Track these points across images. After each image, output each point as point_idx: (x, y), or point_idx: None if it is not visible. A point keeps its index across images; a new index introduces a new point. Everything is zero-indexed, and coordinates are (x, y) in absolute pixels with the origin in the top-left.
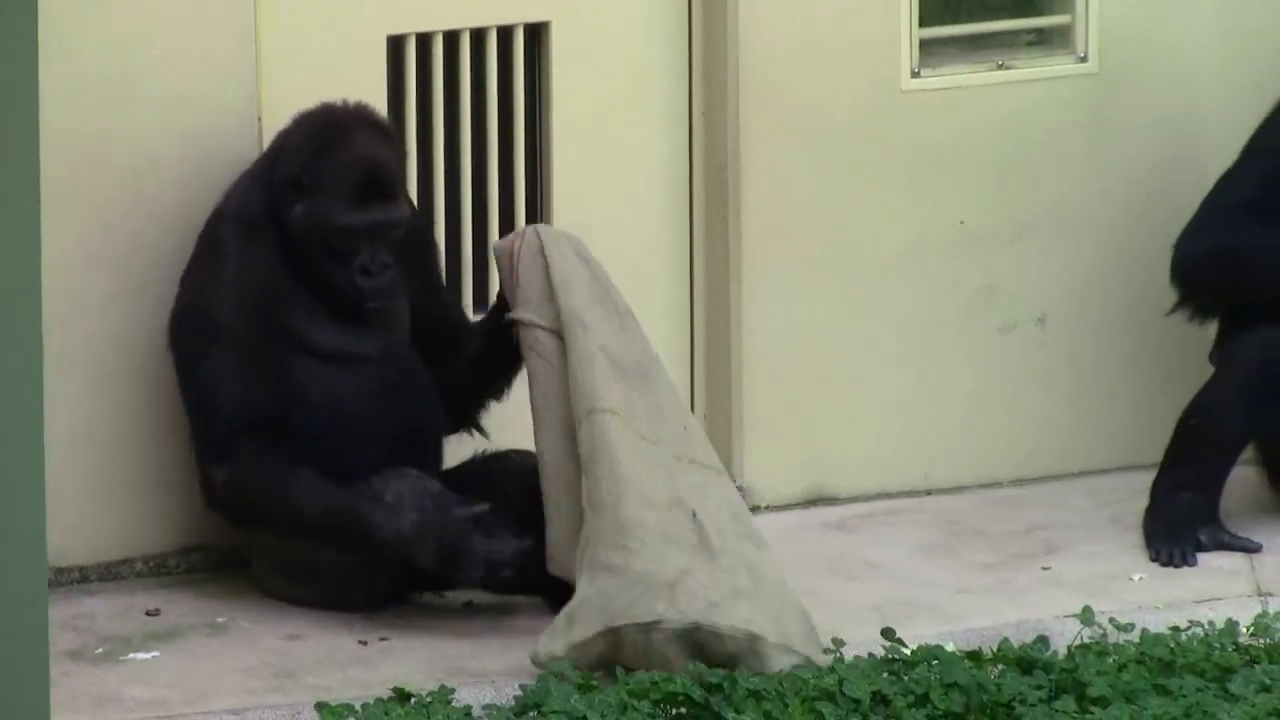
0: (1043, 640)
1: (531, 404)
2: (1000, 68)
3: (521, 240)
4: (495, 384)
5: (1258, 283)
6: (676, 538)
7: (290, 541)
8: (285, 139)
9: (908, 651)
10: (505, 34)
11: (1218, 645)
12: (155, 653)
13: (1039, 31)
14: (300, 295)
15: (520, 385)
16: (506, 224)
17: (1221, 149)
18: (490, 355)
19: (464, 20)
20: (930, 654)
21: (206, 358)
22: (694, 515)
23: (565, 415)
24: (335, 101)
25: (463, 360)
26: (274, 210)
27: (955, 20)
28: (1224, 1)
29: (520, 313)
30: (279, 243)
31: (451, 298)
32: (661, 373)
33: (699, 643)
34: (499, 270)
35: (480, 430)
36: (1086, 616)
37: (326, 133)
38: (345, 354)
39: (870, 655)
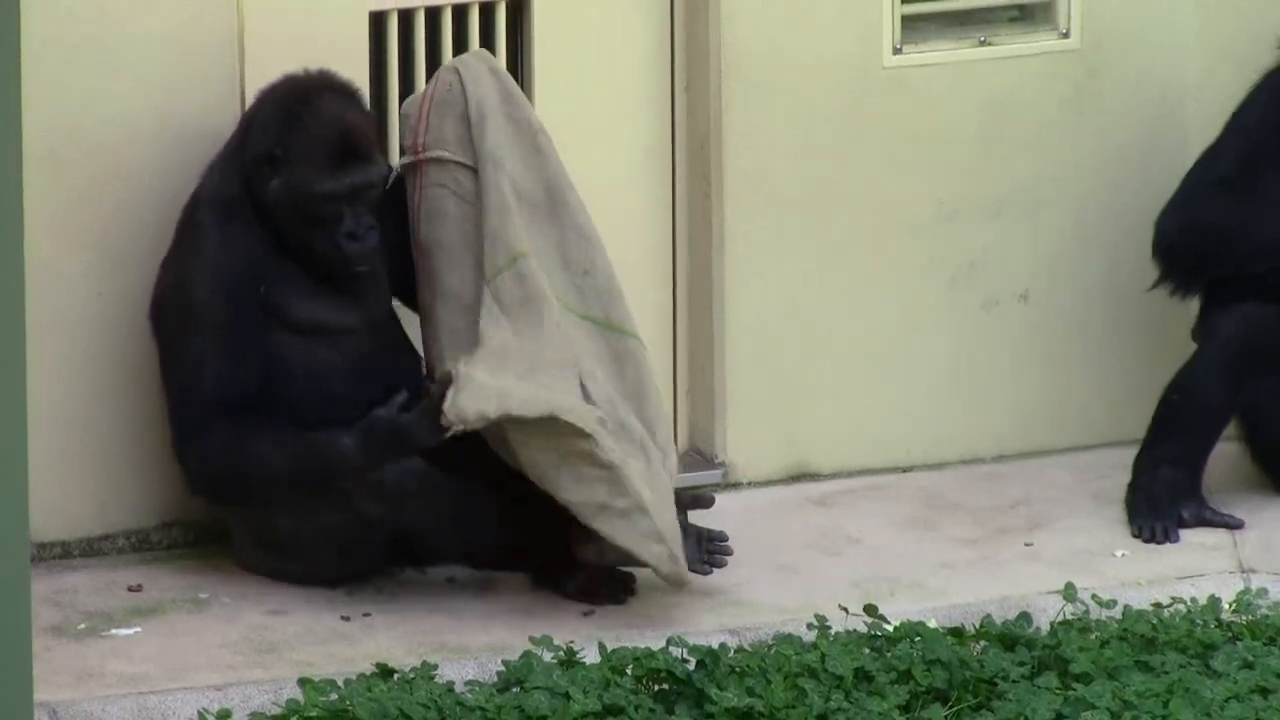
0: (1025, 616)
1: (437, 243)
2: (982, 44)
3: (436, 84)
4: None
5: (1238, 259)
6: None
7: (271, 510)
8: (252, 116)
9: (890, 628)
10: (487, 9)
11: (1200, 622)
12: (137, 628)
13: (1021, 8)
14: (282, 271)
15: None
16: None
17: (1203, 125)
18: None
19: None
20: (913, 630)
21: (187, 342)
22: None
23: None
24: (297, 72)
25: None
26: (250, 188)
27: None
28: None
29: (437, 151)
30: (258, 220)
31: None
32: (573, 200)
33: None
34: (402, 126)
35: None
36: (1069, 593)
37: (292, 103)
38: (327, 327)
39: (852, 631)
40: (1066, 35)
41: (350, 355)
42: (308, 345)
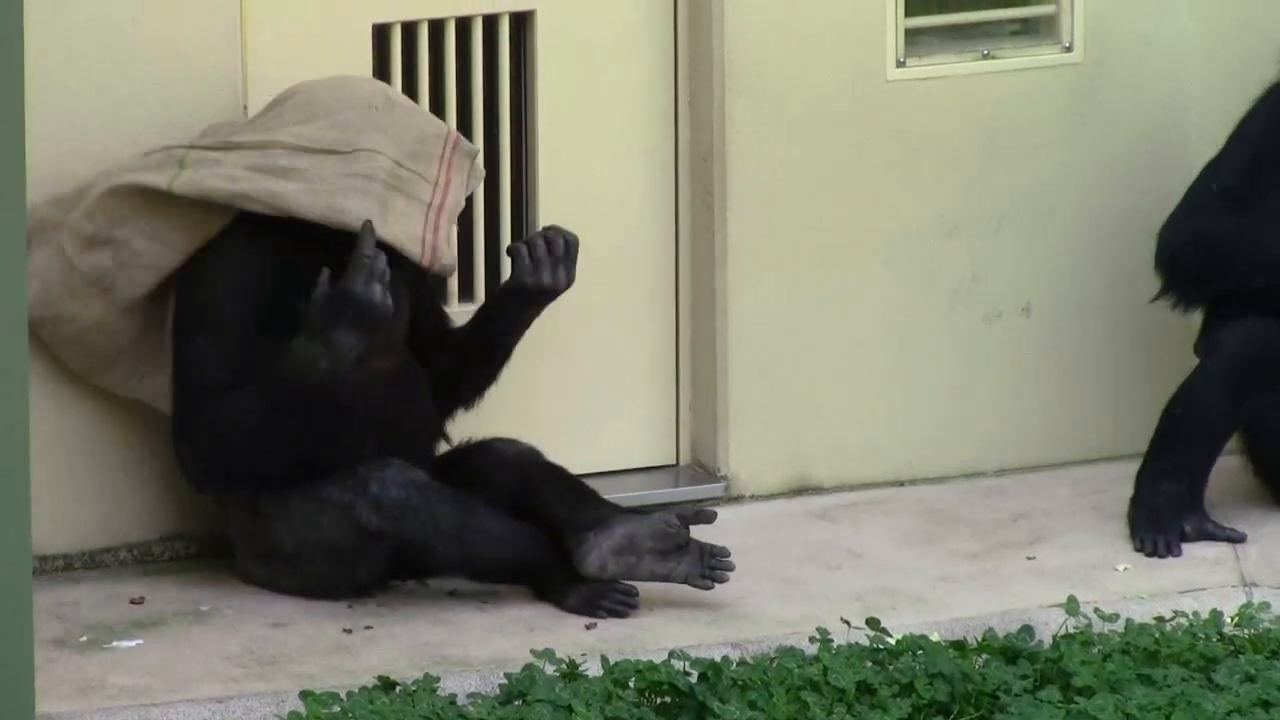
0: (1027, 630)
1: None
2: (985, 57)
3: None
4: (483, 371)
5: (1240, 271)
6: None
7: (273, 522)
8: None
9: (892, 641)
10: (491, 23)
11: (1202, 635)
12: (139, 640)
13: (1024, 21)
14: (300, 285)
15: (511, 373)
16: (491, 213)
17: (1205, 137)
18: (475, 344)
19: (449, 9)
20: (915, 644)
21: (191, 340)
22: None
23: None
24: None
25: (449, 351)
26: None
27: (941, 10)
28: None
29: None
30: (279, 232)
31: (437, 289)
32: None
33: None
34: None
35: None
36: (1071, 606)
37: None
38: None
39: (855, 644)
40: (1069, 49)
41: (361, 374)
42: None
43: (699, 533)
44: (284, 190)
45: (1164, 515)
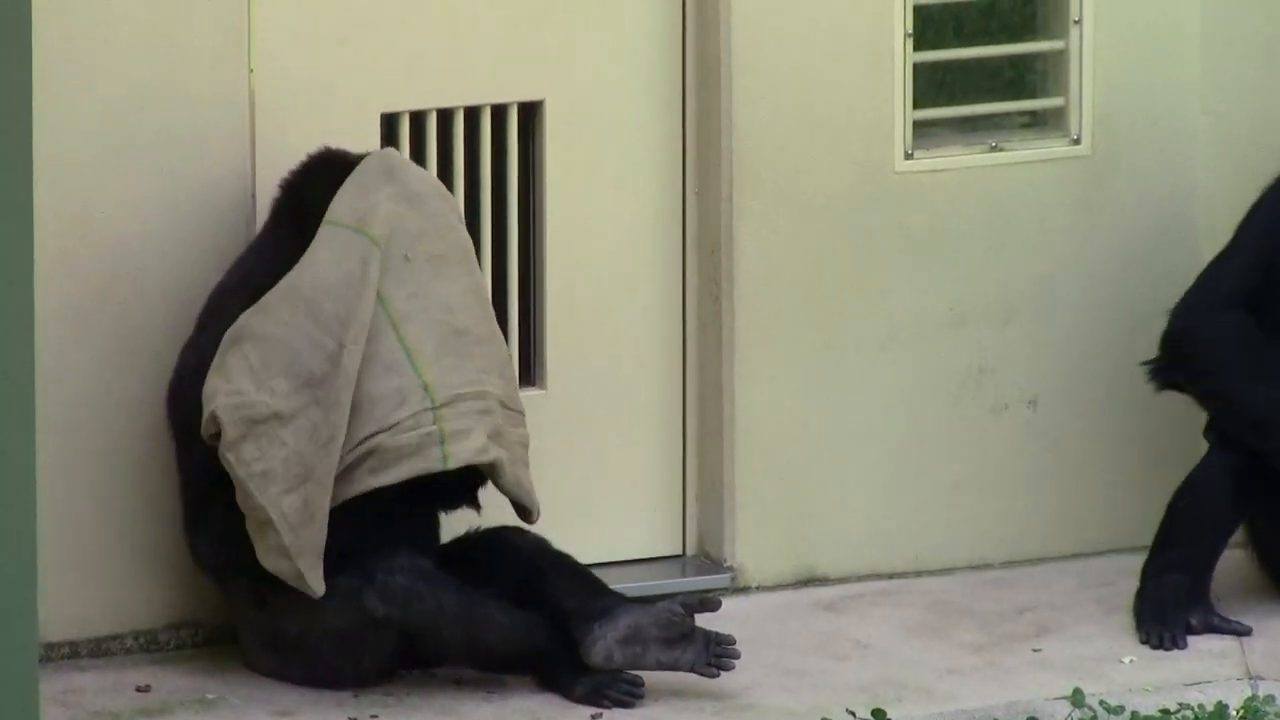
0: None
1: None
2: (994, 149)
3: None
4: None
5: (1238, 377)
6: None
7: (279, 611)
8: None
9: None
10: (499, 112)
11: None
12: None
13: (1032, 114)
14: None
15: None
16: (499, 302)
17: (1213, 231)
18: None
19: (458, 99)
20: None
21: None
22: None
23: None
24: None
25: None
26: None
27: (949, 102)
28: (1215, 85)
29: None
30: None
31: None
32: None
33: None
34: None
35: (476, 507)
36: (1077, 698)
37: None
38: None
39: None
40: (1078, 141)
41: None
42: None
43: (704, 621)
44: (504, 463)
45: (1169, 608)
